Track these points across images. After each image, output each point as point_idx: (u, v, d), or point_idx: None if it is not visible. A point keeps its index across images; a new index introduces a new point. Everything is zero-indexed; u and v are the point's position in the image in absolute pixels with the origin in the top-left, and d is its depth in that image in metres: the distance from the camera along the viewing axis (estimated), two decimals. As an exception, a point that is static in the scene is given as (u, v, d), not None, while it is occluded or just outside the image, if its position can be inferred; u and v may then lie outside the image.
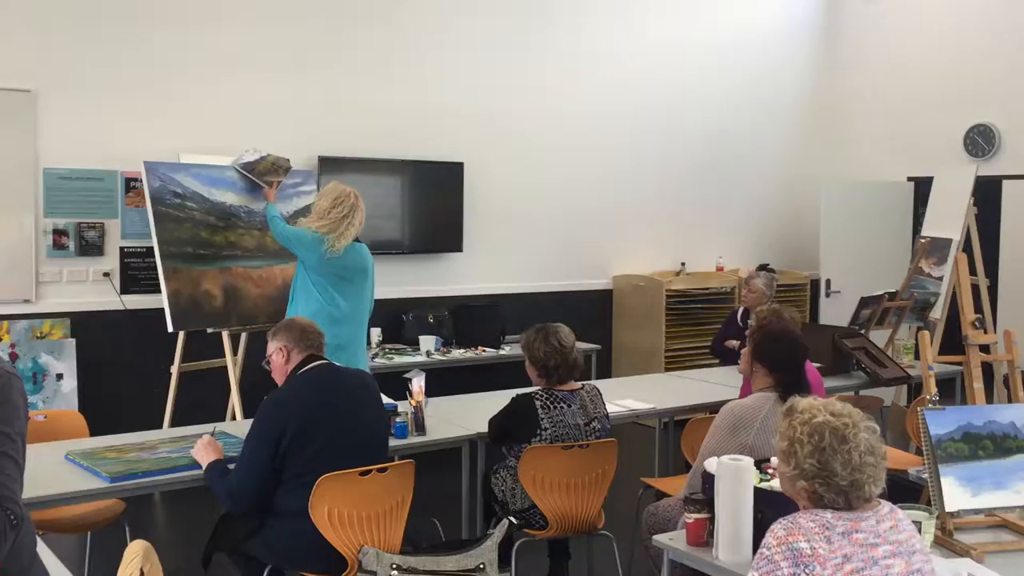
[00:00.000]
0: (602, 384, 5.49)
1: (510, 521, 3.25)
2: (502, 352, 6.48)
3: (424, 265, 6.88)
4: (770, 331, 3.67)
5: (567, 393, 3.83)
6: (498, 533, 3.17)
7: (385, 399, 3.87)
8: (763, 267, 8.09)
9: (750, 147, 8.54)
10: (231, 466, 3.32)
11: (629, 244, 7.92)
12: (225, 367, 5.34)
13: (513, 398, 3.87)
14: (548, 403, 3.77)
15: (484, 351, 6.47)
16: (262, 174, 5.50)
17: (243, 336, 5.69)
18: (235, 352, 5.54)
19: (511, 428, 3.83)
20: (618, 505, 4.91)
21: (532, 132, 7.33)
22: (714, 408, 4.10)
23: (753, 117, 8.53)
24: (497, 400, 4.03)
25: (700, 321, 7.67)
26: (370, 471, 3.22)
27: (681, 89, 8.07)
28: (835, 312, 7.74)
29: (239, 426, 4.09)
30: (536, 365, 3.84)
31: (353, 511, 3.17)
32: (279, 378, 3.46)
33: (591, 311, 7.68)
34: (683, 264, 8.11)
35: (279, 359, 3.45)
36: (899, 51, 8.43)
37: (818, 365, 5.29)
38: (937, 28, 8.15)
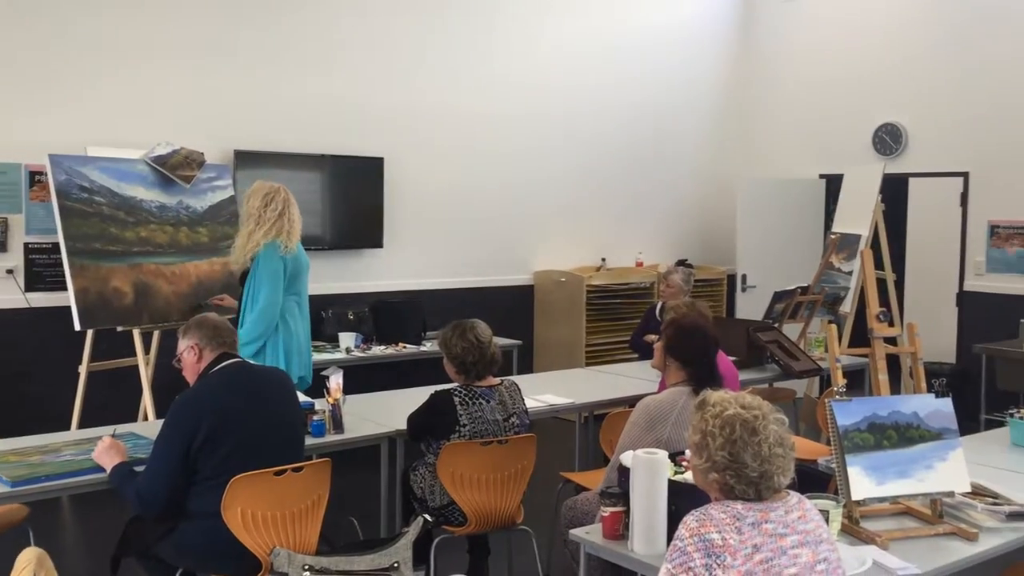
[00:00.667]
0: (523, 379, 5.51)
1: (424, 519, 3.22)
2: (423, 348, 6.44)
3: (344, 261, 6.80)
4: (682, 326, 3.72)
5: (486, 389, 3.83)
6: (412, 531, 3.15)
7: (302, 397, 3.81)
8: (682, 262, 8.21)
9: (670, 146, 8.66)
10: (138, 468, 3.22)
11: (550, 240, 7.96)
12: (136, 367, 5.19)
13: (432, 395, 3.85)
14: (467, 399, 3.76)
15: (405, 347, 6.42)
16: (174, 168, 5.36)
17: (155, 334, 5.54)
18: (147, 351, 5.39)
19: (430, 425, 3.81)
20: (538, 500, 4.93)
21: (454, 128, 7.31)
22: (633, 402, 4.13)
23: (673, 116, 8.65)
24: (417, 397, 4.00)
25: (620, 316, 7.75)
26: (285, 471, 3.16)
27: (602, 88, 8.14)
28: (751, 306, 7.91)
29: (151, 427, 3.98)
30: (454, 361, 3.82)
31: (267, 512, 3.11)
32: (190, 377, 3.37)
33: (512, 306, 7.69)
34: (604, 259, 8.18)
35: (190, 357, 3.37)
36: (812, 53, 8.64)
37: (733, 358, 5.39)
38: (849, 31, 8.38)
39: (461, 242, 7.42)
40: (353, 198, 6.74)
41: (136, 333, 5.14)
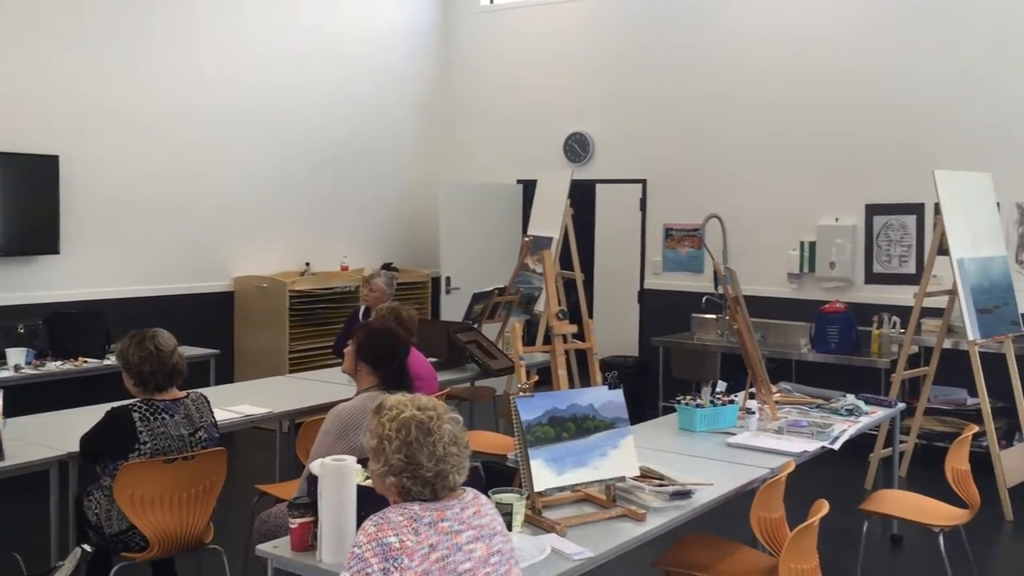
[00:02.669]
0: (221, 390, 5.29)
1: (82, 549, 2.96)
2: (107, 363, 5.96)
3: (12, 269, 6.15)
4: (371, 330, 3.71)
5: (169, 403, 3.60)
6: (68, 564, 2.88)
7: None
8: (387, 266, 8.25)
9: (374, 149, 8.67)
10: None
11: (251, 244, 7.68)
12: None
13: (108, 411, 3.56)
14: (147, 415, 3.52)
15: (86, 362, 5.91)
16: None
17: None
18: None
19: (105, 444, 3.52)
20: (236, 516, 4.75)
21: (141, 127, 6.84)
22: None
23: (376, 120, 8.66)
24: (96, 414, 3.68)
25: (325, 321, 7.64)
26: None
27: (301, 88, 7.98)
28: (456, 308, 8.09)
29: None
30: (131, 373, 3.56)
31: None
32: None
33: (211, 314, 7.34)
34: (308, 264, 8.02)
35: None
36: (509, 63, 9.01)
37: (435, 359, 5.50)
38: (541, 44, 8.82)
39: (152, 247, 6.96)
40: (23, 199, 6.10)
41: None
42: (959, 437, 4.23)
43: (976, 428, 4.50)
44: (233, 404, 4.66)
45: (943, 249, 5.85)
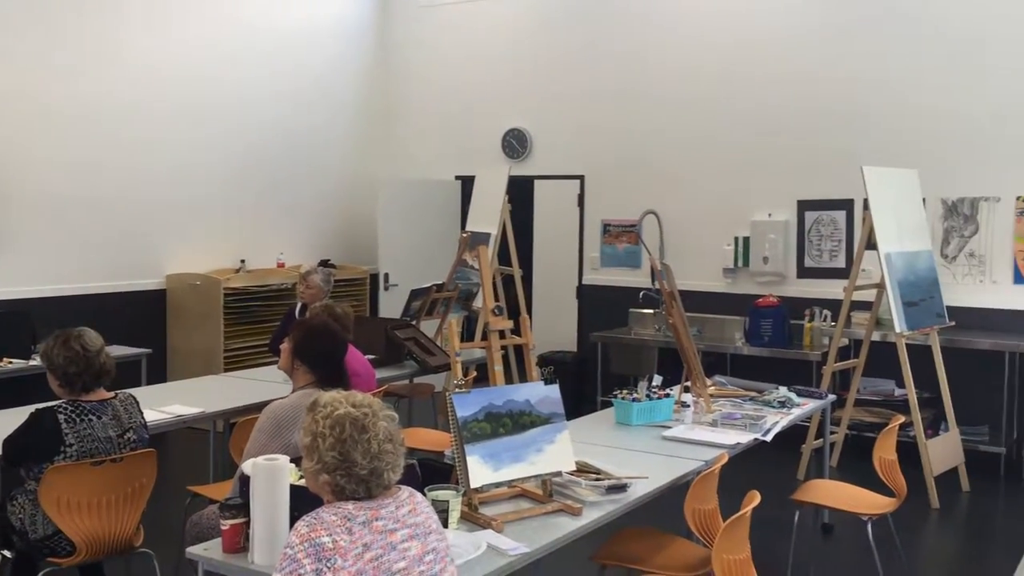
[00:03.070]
0: (153, 390, 5.18)
1: (2, 555, 2.87)
2: (33, 363, 5.79)
3: (-69, 267, 5.95)
4: (309, 327, 3.67)
5: (96, 404, 3.51)
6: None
7: None
8: (324, 263, 8.17)
9: (310, 146, 8.56)
10: None
11: (184, 241, 7.53)
12: None
13: (32, 413, 3.46)
14: (73, 416, 3.43)
15: (11, 363, 5.75)
16: None
17: None
18: None
19: (28, 447, 3.41)
20: (167, 518, 4.66)
21: (69, 121, 6.66)
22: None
23: (312, 116, 8.56)
24: (19, 416, 3.57)
25: (261, 319, 7.53)
26: None
27: (238, 85, 7.85)
28: (394, 305, 8.04)
29: None
30: (56, 373, 3.46)
31: None
32: None
33: (142, 313, 7.18)
34: (243, 261, 7.90)
35: None
36: (447, 59, 8.98)
37: (372, 357, 5.45)
38: (479, 41, 8.80)
39: (80, 245, 6.78)
40: (-59, 195, 5.91)
41: None
42: (886, 428, 4.34)
43: (903, 418, 4.61)
44: (165, 404, 4.57)
45: (871, 244, 5.99)
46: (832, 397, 5.17)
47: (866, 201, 6.00)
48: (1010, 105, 6.59)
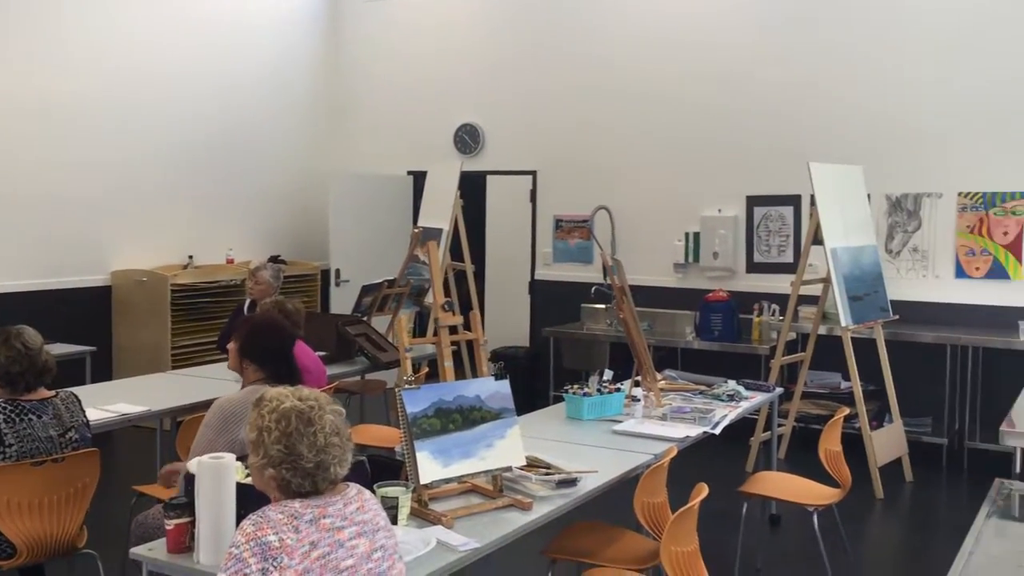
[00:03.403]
0: (97, 388, 5.08)
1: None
2: (-28, 361, 5.64)
3: None
4: (253, 324, 3.63)
5: (37, 403, 3.43)
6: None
7: None
8: (274, 258, 8.08)
9: (260, 140, 8.46)
10: None
11: (130, 237, 7.40)
12: None
13: (-31, 414, 3.37)
14: (13, 416, 3.35)
15: (-51, 361, 5.58)
16: None
17: None
18: None
19: (-34, 449, 3.33)
20: (111, 518, 4.58)
21: (6, 113, 6.49)
22: (212, 405, 3.96)
23: (263, 111, 8.46)
24: (-46, 418, 3.48)
25: (210, 316, 7.43)
26: None
27: (184, 79, 7.72)
28: (346, 300, 7.98)
29: None
30: (-4, 373, 3.38)
31: None
32: None
33: (86, 310, 7.04)
34: (191, 257, 7.78)
35: None
36: (398, 54, 8.93)
37: (323, 353, 5.40)
38: (430, 36, 8.77)
39: (18, 240, 6.62)
40: None
41: None
42: (831, 420, 4.41)
43: (848, 411, 4.69)
44: (110, 403, 4.49)
45: (818, 239, 6.09)
46: (780, 390, 5.24)
47: (813, 196, 6.09)
48: (952, 103, 6.74)
